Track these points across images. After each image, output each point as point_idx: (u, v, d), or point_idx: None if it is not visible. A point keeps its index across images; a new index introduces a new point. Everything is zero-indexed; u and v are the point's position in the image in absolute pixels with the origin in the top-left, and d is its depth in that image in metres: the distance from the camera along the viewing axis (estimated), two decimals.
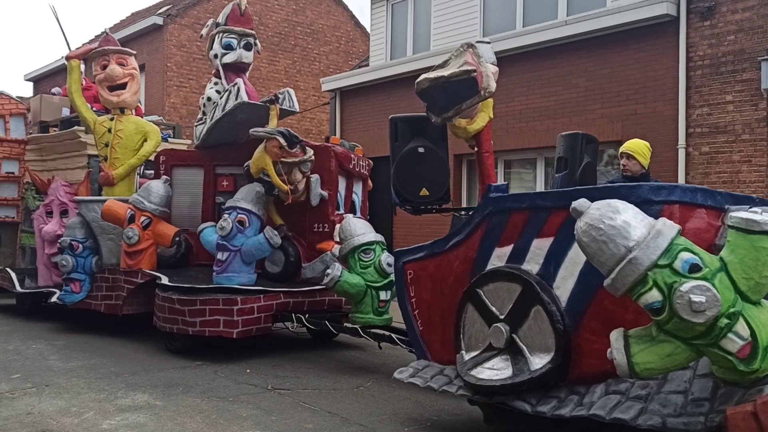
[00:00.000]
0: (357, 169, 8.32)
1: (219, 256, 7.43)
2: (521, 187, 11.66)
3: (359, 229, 7.03)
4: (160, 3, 21.98)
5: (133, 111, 9.10)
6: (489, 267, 4.65)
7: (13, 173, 10.58)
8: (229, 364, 7.05)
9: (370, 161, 9.01)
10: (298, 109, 8.03)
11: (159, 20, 18.18)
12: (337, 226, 7.66)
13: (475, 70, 4.65)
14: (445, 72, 4.75)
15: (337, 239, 7.65)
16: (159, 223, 8.12)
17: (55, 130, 10.80)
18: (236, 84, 7.62)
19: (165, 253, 8.32)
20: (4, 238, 10.87)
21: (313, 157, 7.40)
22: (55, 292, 9.17)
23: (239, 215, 7.45)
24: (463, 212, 6.07)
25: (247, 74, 8.48)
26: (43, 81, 22.92)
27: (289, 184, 7.31)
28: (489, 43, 5.30)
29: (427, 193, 5.44)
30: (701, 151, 9.35)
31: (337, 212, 7.95)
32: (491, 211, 4.72)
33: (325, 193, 7.70)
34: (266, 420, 5.14)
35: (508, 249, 4.60)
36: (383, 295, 6.80)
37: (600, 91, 10.15)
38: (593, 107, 10.20)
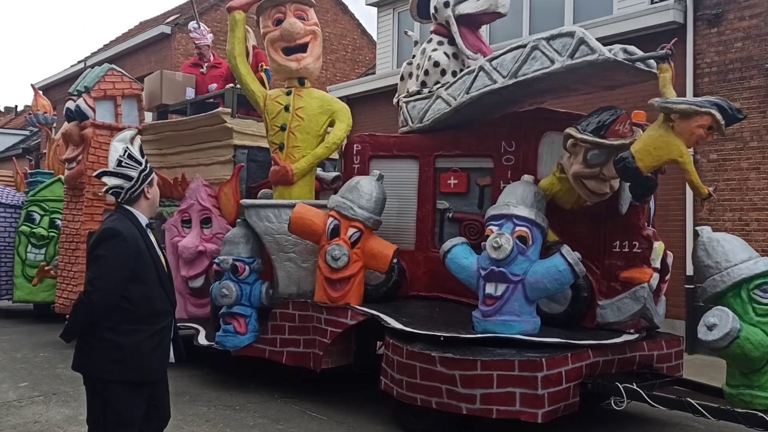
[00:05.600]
0: None
1: (488, 289, 4.88)
2: None
3: (740, 251, 4.47)
4: (169, 12, 22.24)
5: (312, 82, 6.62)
6: None
7: None
8: (236, 372, 6.79)
9: None
10: None
11: (167, 29, 18.22)
12: (656, 245, 5.10)
13: None
14: None
15: (656, 265, 5.09)
16: (370, 237, 5.63)
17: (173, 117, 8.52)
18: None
19: (369, 281, 5.83)
20: None
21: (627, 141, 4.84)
22: (197, 330, 6.76)
23: (518, 228, 4.90)
24: None
25: None
26: (51, 90, 22.26)
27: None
28: None
29: None
30: (709, 158, 9.16)
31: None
32: None
33: None
34: (273, 429, 5.12)
35: None
36: None
37: (608, 99, 9.61)
38: None
